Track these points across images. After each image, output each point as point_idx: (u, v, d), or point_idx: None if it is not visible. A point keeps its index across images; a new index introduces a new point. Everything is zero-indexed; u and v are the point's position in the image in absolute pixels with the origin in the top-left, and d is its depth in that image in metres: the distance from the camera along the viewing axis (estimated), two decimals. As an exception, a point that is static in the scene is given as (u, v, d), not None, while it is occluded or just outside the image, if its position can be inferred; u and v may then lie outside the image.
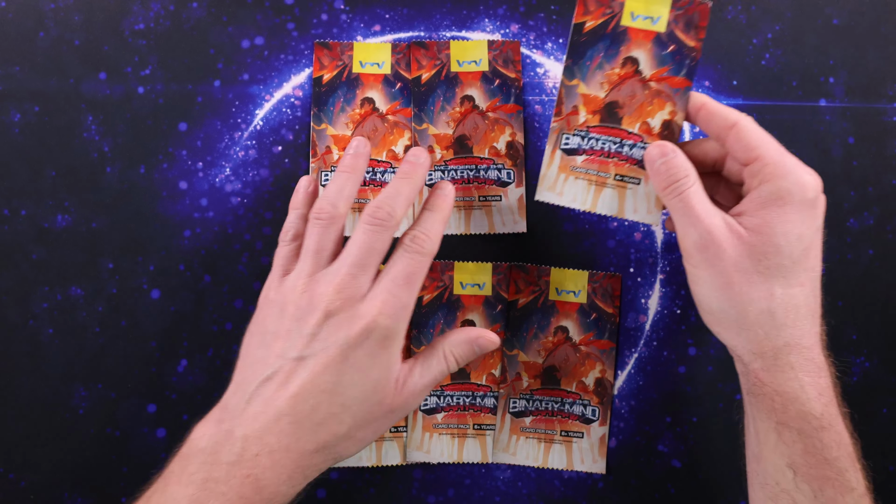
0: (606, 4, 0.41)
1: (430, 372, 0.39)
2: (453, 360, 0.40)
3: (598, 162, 0.42)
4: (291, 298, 0.38)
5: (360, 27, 0.49)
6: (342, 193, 0.40)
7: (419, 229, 0.39)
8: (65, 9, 0.48)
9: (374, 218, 0.38)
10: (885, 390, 0.48)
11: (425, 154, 0.41)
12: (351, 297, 0.37)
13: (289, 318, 0.38)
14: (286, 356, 0.37)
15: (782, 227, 0.37)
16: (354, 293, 0.37)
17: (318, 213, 0.39)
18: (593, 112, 0.42)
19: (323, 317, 0.37)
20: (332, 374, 0.36)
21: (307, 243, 0.39)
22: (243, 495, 0.35)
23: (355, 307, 0.37)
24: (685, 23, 0.41)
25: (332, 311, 0.37)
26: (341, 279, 0.37)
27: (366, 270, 0.38)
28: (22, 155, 0.48)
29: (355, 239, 0.38)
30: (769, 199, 0.38)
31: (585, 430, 0.47)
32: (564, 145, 0.42)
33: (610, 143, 0.41)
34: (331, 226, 0.39)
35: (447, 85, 0.48)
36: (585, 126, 0.42)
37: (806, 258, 0.38)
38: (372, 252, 0.38)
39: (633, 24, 0.41)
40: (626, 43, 0.41)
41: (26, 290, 0.47)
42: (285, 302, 0.38)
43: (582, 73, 0.42)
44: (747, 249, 0.37)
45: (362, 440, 0.38)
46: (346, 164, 0.40)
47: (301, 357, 0.37)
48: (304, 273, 0.39)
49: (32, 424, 0.47)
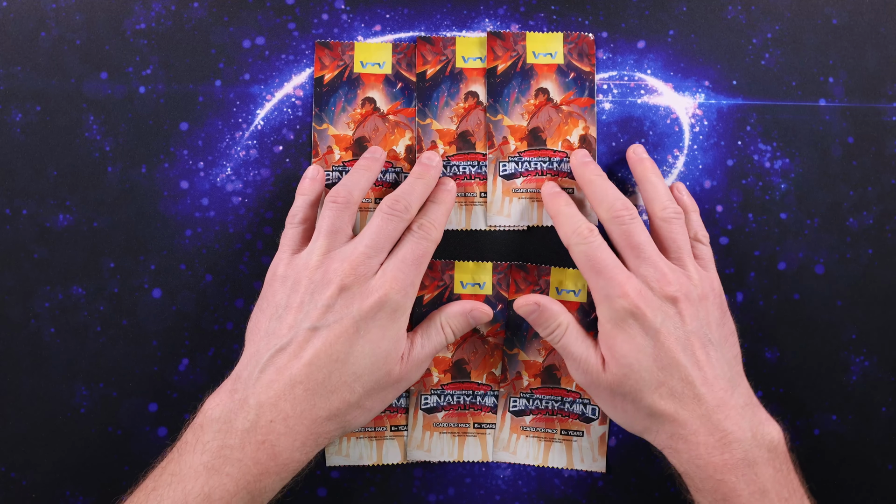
0: (511, 48, 0.48)
1: (430, 342, 0.43)
2: (450, 331, 0.44)
3: (535, 181, 0.47)
4: (305, 274, 0.41)
5: (361, 27, 0.49)
6: (358, 184, 0.43)
7: (426, 218, 0.43)
8: (66, 8, 0.48)
9: (392, 208, 0.42)
10: (884, 390, 0.48)
11: (437, 157, 0.46)
12: (364, 274, 0.40)
13: (302, 291, 0.40)
14: (300, 327, 0.39)
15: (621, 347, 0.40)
16: (367, 271, 0.40)
17: (336, 196, 0.43)
18: (521, 139, 0.47)
19: (338, 290, 0.39)
20: (345, 344, 0.39)
21: (322, 224, 0.42)
22: (259, 461, 0.36)
23: (368, 283, 0.40)
24: (578, 53, 0.48)
25: (346, 285, 0.40)
26: (357, 257, 0.40)
27: (379, 253, 0.41)
28: (23, 154, 0.48)
29: (373, 224, 0.42)
30: (602, 322, 0.41)
31: (585, 429, 0.48)
32: (503, 172, 0.47)
33: (541, 163, 0.47)
34: (346, 210, 0.42)
35: (452, 81, 0.48)
36: (517, 152, 0.47)
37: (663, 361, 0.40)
38: (386, 237, 0.41)
39: (537, 60, 0.48)
40: (535, 77, 0.48)
41: (28, 289, 0.47)
42: (298, 277, 0.41)
43: (504, 108, 0.48)
44: (613, 378, 0.41)
45: (371, 409, 0.41)
46: (363, 163, 0.45)
47: (315, 328, 0.39)
48: (318, 251, 0.41)
49: (34, 423, 0.47)
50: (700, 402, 0.39)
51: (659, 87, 0.49)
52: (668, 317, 0.40)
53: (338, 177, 0.48)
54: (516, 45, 0.48)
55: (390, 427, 0.48)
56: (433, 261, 0.48)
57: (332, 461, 0.47)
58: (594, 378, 0.42)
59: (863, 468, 0.48)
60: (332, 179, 0.48)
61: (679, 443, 0.39)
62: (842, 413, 0.48)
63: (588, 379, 0.42)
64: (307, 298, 0.40)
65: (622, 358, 0.40)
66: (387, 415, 0.48)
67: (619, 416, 0.42)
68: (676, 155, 0.48)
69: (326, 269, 0.40)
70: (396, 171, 0.48)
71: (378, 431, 0.48)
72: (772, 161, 0.48)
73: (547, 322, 0.43)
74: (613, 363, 0.41)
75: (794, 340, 0.48)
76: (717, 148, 0.48)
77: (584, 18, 0.49)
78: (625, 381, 0.40)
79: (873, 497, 0.47)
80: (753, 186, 0.48)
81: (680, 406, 0.39)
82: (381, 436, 0.48)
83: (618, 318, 0.40)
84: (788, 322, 0.48)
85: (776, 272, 0.48)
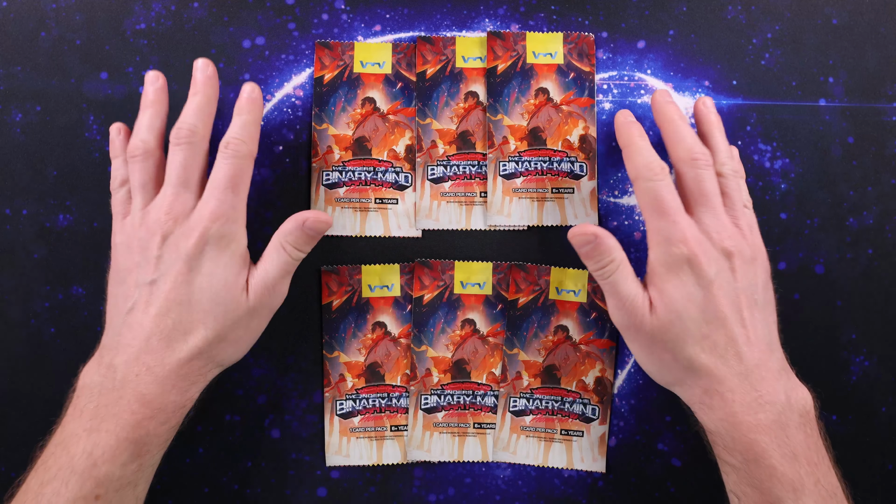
0: (511, 48, 0.48)
1: (273, 264, 0.42)
2: (291, 248, 0.42)
3: (535, 180, 0.47)
4: (133, 234, 0.41)
5: (361, 27, 0.49)
6: (152, 127, 0.43)
7: (231, 135, 0.42)
8: (66, 9, 0.48)
9: (178, 138, 0.41)
10: (884, 390, 0.48)
11: (209, 66, 0.43)
12: (179, 214, 0.41)
13: (135, 251, 0.41)
14: (140, 283, 0.40)
15: (671, 292, 0.40)
16: (182, 210, 0.41)
17: (132, 151, 0.42)
18: (521, 139, 0.47)
19: (161, 239, 0.40)
20: (183, 286, 0.40)
21: (132, 181, 0.42)
22: (133, 410, 0.38)
23: (186, 222, 0.40)
24: (577, 53, 0.48)
25: (166, 232, 0.40)
26: (168, 202, 0.41)
27: (188, 187, 0.41)
28: (23, 154, 0.48)
29: (170, 161, 0.41)
30: (655, 264, 0.40)
31: (585, 429, 0.48)
32: (503, 171, 0.47)
33: (541, 163, 0.47)
34: (147, 159, 0.42)
35: (452, 81, 0.48)
36: (517, 152, 0.47)
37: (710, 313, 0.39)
38: (185, 169, 0.41)
39: (537, 60, 0.48)
40: (535, 77, 0.48)
41: (28, 289, 0.47)
42: (130, 239, 0.41)
43: (504, 108, 0.48)
44: (658, 323, 0.40)
45: (240, 340, 0.42)
46: (147, 97, 0.43)
47: (153, 280, 0.40)
48: (137, 209, 0.42)
49: (34, 423, 0.47)
50: (740, 360, 0.39)
51: (659, 87, 0.49)
52: (722, 270, 0.40)
53: (337, 177, 0.48)
54: (516, 44, 0.48)
55: (390, 427, 0.48)
56: (433, 261, 0.48)
57: (332, 461, 0.47)
58: (638, 320, 0.40)
59: (863, 468, 0.48)
60: (332, 179, 0.48)
61: (714, 399, 0.39)
62: (842, 413, 0.48)
63: (631, 321, 0.41)
64: (140, 257, 0.41)
65: (672, 303, 0.39)
66: (387, 415, 0.48)
67: (654, 364, 0.41)
68: (676, 155, 0.48)
69: (147, 223, 0.41)
70: (396, 171, 0.48)
71: (378, 431, 0.48)
72: (772, 161, 0.48)
73: (602, 255, 0.41)
74: (662, 307, 0.40)
75: (794, 340, 0.48)
76: (717, 148, 0.48)
77: (584, 18, 0.49)
78: (670, 328, 0.39)
79: (873, 497, 0.47)
80: (753, 186, 0.48)
81: (721, 361, 0.39)
82: (381, 436, 0.48)
83: (673, 264, 0.40)
84: (788, 322, 0.48)
85: (776, 272, 0.48)
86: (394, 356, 0.48)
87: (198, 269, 0.40)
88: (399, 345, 0.48)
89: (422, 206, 0.48)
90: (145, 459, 0.39)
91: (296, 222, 0.42)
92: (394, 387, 0.48)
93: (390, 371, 0.48)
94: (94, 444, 0.37)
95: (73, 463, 0.37)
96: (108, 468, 0.37)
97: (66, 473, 0.37)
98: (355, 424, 0.48)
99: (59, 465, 0.37)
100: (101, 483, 0.37)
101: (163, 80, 0.44)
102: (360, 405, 0.48)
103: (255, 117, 0.43)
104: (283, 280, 0.42)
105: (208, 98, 0.43)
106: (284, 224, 0.42)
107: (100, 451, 0.37)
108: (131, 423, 0.38)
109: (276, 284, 0.42)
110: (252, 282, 0.42)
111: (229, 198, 0.41)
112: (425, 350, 0.48)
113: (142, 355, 0.39)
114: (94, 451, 0.37)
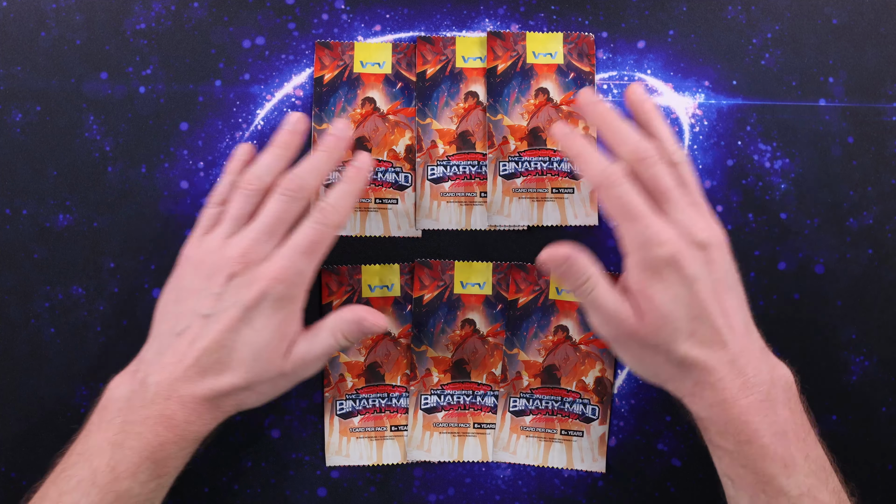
0: (511, 48, 0.48)
1: (318, 343, 0.41)
2: (342, 337, 0.42)
3: (535, 180, 0.47)
4: (205, 257, 0.41)
5: (361, 27, 0.49)
6: (271, 168, 0.42)
7: (328, 201, 0.41)
8: (66, 8, 0.48)
9: (285, 188, 0.41)
10: (884, 390, 0.48)
11: (347, 125, 0.43)
12: (252, 261, 0.40)
13: (201, 276, 0.41)
14: (196, 313, 0.40)
15: (657, 297, 0.39)
16: (256, 257, 0.40)
17: (246, 184, 0.42)
18: (521, 139, 0.47)
19: (227, 278, 0.40)
20: (232, 333, 0.40)
21: (230, 208, 0.42)
22: (158, 433, 0.38)
23: (255, 271, 0.40)
24: (578, 53, 0.48)
25: (234, 273, 0.40)
26: (247, 244, 0.40)
27: (271, 237, 0.41)
28: (23, 154, 0.48)
29: (267, 207, 0.41)
30: (634, 270, 0.40)
31: (585, 429, 0.48)
32: (503, 171, 0.47)
33: (541, 163, 0.47)
34: (253, 197, 0.42)
35: (451, 81, 0.48)
36: (517, 152, 0.47)
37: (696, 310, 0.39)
38: (278, 220, 0.41)
39: (537, 60, 0.48)
40: (535, 77, 0.48)
41: (28, 289, 0.47)
42: (200, 261, 0.41)
43: (504, 108, 0.48)
44: (647, 329, 0.39)
45: (263, 394, 0.42)
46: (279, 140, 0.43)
47: (208, 315, 0.40)
48: (220, 235, 0.42)
49: (34, 423, 0.47)
50: (726, 349, 0.39)
51: (659, 87, 0.49)
52: (701, 265, 0.40)
53: (338, 177, 0.48)
54: (516, 44, 0.48)
55: (390, 427, 0.48)
56: (433, 261, 0.48)
57: (332, 461, 0.47)
58: (626, 330, 0.40)
59: (863, 468, 0.48)
60: (332, 180, 0.48)
61: (706, 389, 0.39)
62: (842, 413, 0.48)
63: (619, 332, 0.40)
64: (203, 285, 0.41)
65: (659, 307, 0.39)
66: (387, 415, 0.48)
67: (646, 367, 0.41)
68: (676, 155, 0.48)
69: (220, 255, 0.41)
70: (396, 171, 0.48)
71: (378, 431, 0.48)
72: (772, 161, 0.48)
73: (578, 275, 0.40)
74: (650, 313, 0.39)
75: (794, 340, 0.48)
76: (717, 148, 0.48)
77: (584, 18, 0.49)
78: (660, 332, 0.39)
79: (873, 497, 0.47)
80: (753, 186, 0.48)
81: (709, 353, 0.39)
82: (381, 436, 0.48)
83: (655, 267, 0.39)
84: (788, 322, 0.48)
85: (776, 272, 0.48)
86: (394, 356, 0.48)
87: (250, 322, 0.40)
88: (399, 345, 0.48)
89: (422, 206, 0.48)
90: (163, 480, 0.39)
91: (355, 315, 0.42)
92: (394, 387, 0.48)
93: (390, 371, 0.48)
94: (118, 460, 0.38)
95: (95, 476, 0.37)
96: (128, 484, 0.38)
97: (86, 486, 0.37)
98: (355, 424, 0.48)
99: (81, 476, 0.38)
100: (121, 498, 0.37)
101: (304, 125, 0.43)
102: (360, 405, 0.48)
103: (358, 189, 0.42)
104: (323, 360, 0.42)
105: (332, 161, 0.42)
106: (345, 311, 0.42)
107: (123, 466, 0.38)
108: (154, 445, 0.38)
109: (315, 361, 0.42)
110: (294, 350, 0.41)
111: (301, 263, 0.40)
112: (425, 350, 0.48)
113: (176, 382, 0.39)
114: (118, 467, 0.37)
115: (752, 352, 0.40)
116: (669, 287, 0.39)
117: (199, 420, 0.40)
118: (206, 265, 0.41)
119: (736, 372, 0.39)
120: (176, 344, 0.40)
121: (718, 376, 0.39)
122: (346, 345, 0.42)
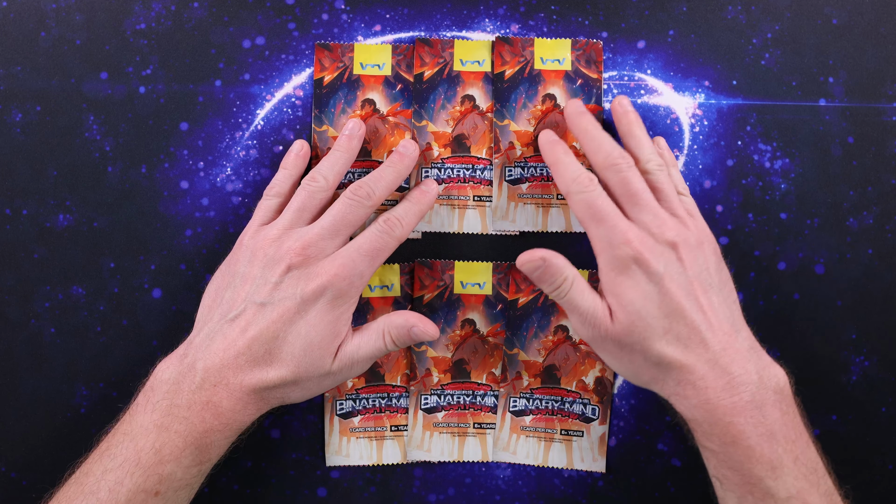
0: (519, 54, 0.48)
1: (367, 345, 0.42)
2: (390, 341, 0.43)
3: (541, 186, 0.47)
4: (262, 246, 0.42)
5: (361, 27, 0.49)
6: (333, 168, 0.44)
7: (395, 213, 0.43)
8: (66, 8, 0.48)
9: (354, 194, 0.43)
10: (884, 390, 0.48)
11: (415, 147, 0.45)
12: (314, 255, 0.41)
13: (258, 264, 0.42)
14: (250, 300, 0.41)
15: (626, 294, 0.40)
16: (318, 253, 0.41)
17: (312, 181, 0.44)
18: (527, 145, 0.47)
19: (286, 269, 0.41)
20: (286, 324, 0.40)
21: (292, 201, 0.43)
22: (204, 419, 0.39)
23: (316, 265, 0.41)
24: (585, 60, 0.48)
25: (293, 264, 0.41)
26: (310, 238, 0.41)
27: (335, 236, 0.42)
28: (23, 154, 0.48)
29: (333, 208, 0.43)
30: (605, 270, 0.41)
31: (585, 429, 0.48)
32: (508, 177, 0.47)
33: (546, 169, 0.47)
34: (319, 193, 0.43)
35: (449, 83, 0.48)
36: (523, 157, 0.47)
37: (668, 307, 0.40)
38: (344, 221, 0.42)
39: (545, 66, 0.48)
40: (542, 83, 0.48)
41: (28, 289, 0.47)
42: (257, 248, 0.42)
43: (510, 113, 0.48)
44: (621, 328, 0.40)
45: (309, 390, 0.42)
46: (340, 144, 0.45)
47: (263, 303, 0.40)
48: (280, 226, 0.42)
49: (34, 423, 0.47)
50: (706, 347, 0.39)
51: (659, 87, 0.49)
52: (670, 262, 0.40)
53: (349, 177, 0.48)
54: (524, 50, 0.48)
55: (390, 427, 0.48)
56: (433, 261, 0.48)
57: (332, 461, 0.47)
58: (602, 331, 0.41)
59: (863, 468, 0.48)
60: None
61: (687, 389, 0.39)
62: (842, 413, 0.48)
63: (595, 333, 0.41)
64: (259, 273, 0.41)
65: (629, 305, 0.40)
66: (387, 415, 0.48)
67: (627, 368, 0.42)
68: (676, 155, 0.48)
69: (280, 246, 0.41)
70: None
71: (378, 431, 0.48)
72: (772, 161, 0.48)
73: (553, 277, 0.41)
74: (621, 311, 0.40)
75: (794, 340, 0.48)
76: (717, 148, 0.48)
77: (584, 18, 0.49)
78: (633, 330, 0.40)
79: (873, 497, 0.47)
80: (753, 186, 0.48)
81: (687, 351, 0.39)
82: (381, 436, 0.48)
83: (621, 266, 0.40)
84: (788, 322, 0.48)
85: (776, 272, 0.48)
86: (394, 356, 0.48)
87: (305, 314, 0.40)
88: (399, 345, 0.48)
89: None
90: (204, 466, 0.40)
91: (405, 321, 0.43)
92: (394, 387, 0.48)
93: (390, 371, 0.48)
94: (164, 443, 0.38)
95: (139, 456, 0.38)
96: (172, 467, 0.38)
97: (131, 465, 0.38)
98: (355, 424, 0.48)
99: (125, 455, 0.38)
100: (164, 480, 0.38)
101: (363, 132, 0.46)
102: (360, 405, 0.48)
103: (422, 210, 0.45)
104: (370, 361, 0.43)
105: (399, 176, 0.44)
106: (396, 315, 0.43)
107: (167, 449, 0.38)
108: (200, 431, 0.39)
109: (362, 362, 0.43)
110: (342, 350, 0.42)
111: (362, 264, 0.41)
112: (425, 350, 0.48)
113: (225, 370, 0.40)
114: (163, 449, 0.38)
115: (738, 350, 0.40)
116: (637, 284, 0.40)
117: (244, 410, 0.40)
118: (264, 254, 0.42)
119: (719, 371, 0.39)
120: (227, 330, 0.40)
121: (699, 375, 0.39)
122: (394, 349, 0.43)
